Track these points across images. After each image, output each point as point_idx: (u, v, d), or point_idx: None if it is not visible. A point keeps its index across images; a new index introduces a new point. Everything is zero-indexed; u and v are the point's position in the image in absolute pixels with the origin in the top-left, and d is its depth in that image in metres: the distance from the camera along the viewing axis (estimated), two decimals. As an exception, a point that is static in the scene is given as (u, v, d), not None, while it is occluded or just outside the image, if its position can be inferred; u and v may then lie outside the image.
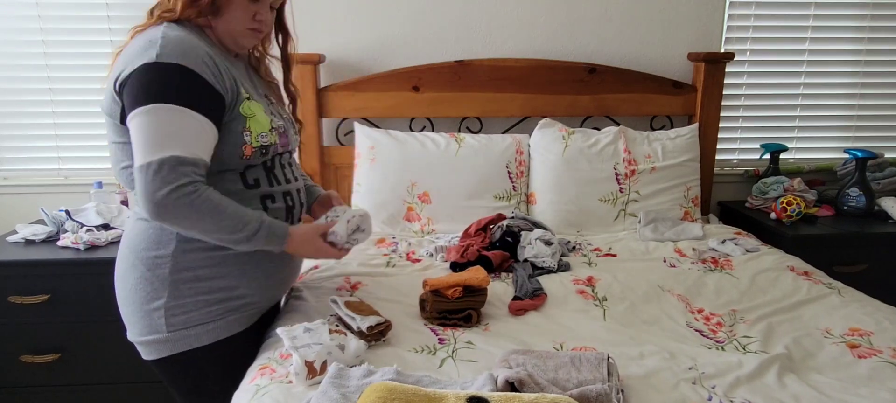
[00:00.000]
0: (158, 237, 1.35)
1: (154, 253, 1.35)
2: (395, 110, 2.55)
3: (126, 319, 1.42)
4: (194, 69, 1.27)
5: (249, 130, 1.36)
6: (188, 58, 1.26)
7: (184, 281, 1.36)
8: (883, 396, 1.21)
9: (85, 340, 2.18)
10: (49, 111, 2.58)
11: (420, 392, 1.03)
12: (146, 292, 1.36)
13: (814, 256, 2.11)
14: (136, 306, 1.38)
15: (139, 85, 1.24)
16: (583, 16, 2.64)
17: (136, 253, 1.37)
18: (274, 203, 1.44)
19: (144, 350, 1.41)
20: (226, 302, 1.40)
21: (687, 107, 2.65)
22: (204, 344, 1.38)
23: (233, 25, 1.39)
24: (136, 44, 1.29)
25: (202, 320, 1.38)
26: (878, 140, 2.92)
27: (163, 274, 1.35)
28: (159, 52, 1.25)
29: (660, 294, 1.75)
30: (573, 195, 2.38)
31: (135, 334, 1.41)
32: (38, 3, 2.48)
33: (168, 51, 1.25)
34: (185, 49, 1.27)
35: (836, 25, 2.77)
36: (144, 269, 1.36)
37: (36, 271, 2.11)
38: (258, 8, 1.40)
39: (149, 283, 1.35)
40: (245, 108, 1.36)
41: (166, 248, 1.35)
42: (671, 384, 1.24)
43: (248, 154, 1.37)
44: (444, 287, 1.52)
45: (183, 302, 1.36)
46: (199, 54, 1.28)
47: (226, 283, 1.39)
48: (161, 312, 1.36)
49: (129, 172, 1.34)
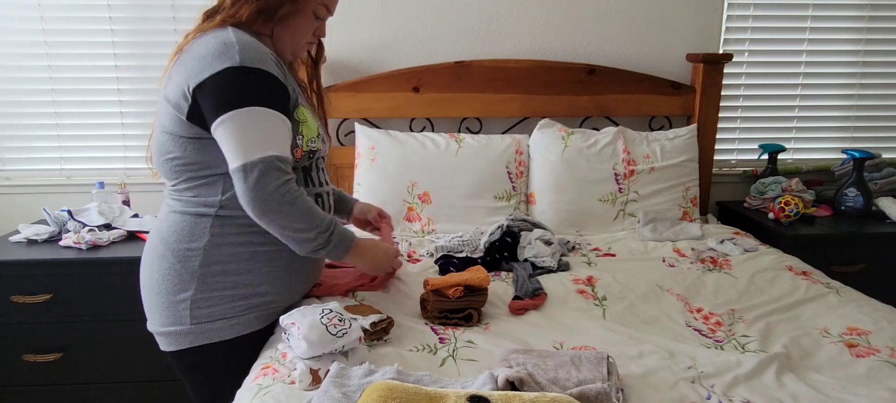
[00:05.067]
0: (192, 230, 1.38)
1: (186, 245, 1.38)
2: (395, 111, 2.56)
3: (149, 309, 1.44)
4: (272, 72, 1.32)
5: (302, 135, 1.41)
6: (266, 62, 1.32)
7: (212, 275, 1.38)
8: (881, 395, 1.21)
9: (87, 340, 2.19)
10: (51, 111, 2.58)
11: (421, 391, 1.03)
12: (174, 283, 1.38)
13: (812, 256, 2.12)
14: (162, 296, 1.40)
15: (228, 88, 1.27)
16: (582, 16, 2.65)
17: (168, 245, 1.39)
18: None
19: (164, 341, 1.43)
20: (250, 299, 1.42)
21: (685, 107, 2.66)
22: (224, 339, 1.40)
23: (296, 38, 1.45)
24: (209, 46, 1.30)
25: (225, 314, 1.40)
26: (875, 140, 2.93)
27: (193, 266, 1.37)
28: (241, 56, 1.28)
29: (659, 293, 1.76)
30: (572, 195, 2.39)
31: (156, 324, 1.43)
32: (40, 3, 2.48)
33: (248, 55, 1.29)
34: (261, 54, 1.32)
35: (834, 26, 2.78)
36: (174, 260, 1.38)
37: (38, 271, 2.12)
38: (320, 24, 1.47)
39: (178, 275, 1.38)
40: (299, 113, 1.41)
41: (199, 241, 1.37)
42: (670, 383, 1.24)
43: (298, 157, 1.41)
44: (445, 286, 1.53)
45: (209, 296, 1.38)
46: (271, 58, 1.34)
47: (252, 279, 1.41)
48: (187, 304, 1.38)
49: (175, 164, 1.37)
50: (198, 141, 1.34)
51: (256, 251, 1.41)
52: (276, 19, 1.40)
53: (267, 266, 1.43)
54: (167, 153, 1.38)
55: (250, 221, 1.36)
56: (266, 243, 1.41)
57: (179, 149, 1.36)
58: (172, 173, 1.40)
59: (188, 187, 1.39)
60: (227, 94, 1.27)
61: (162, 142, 1.38)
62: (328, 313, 1.29)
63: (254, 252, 1.41)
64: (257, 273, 1.42)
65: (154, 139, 1.41)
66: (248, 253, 1.40)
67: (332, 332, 1.25)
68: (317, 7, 1.44)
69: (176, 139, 1.36)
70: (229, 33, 1.32)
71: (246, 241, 1.40)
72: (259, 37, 1.41)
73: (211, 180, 1.38)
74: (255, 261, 1.41)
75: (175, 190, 1.42)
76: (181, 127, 1.34)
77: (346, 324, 1.28)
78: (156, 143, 1.41)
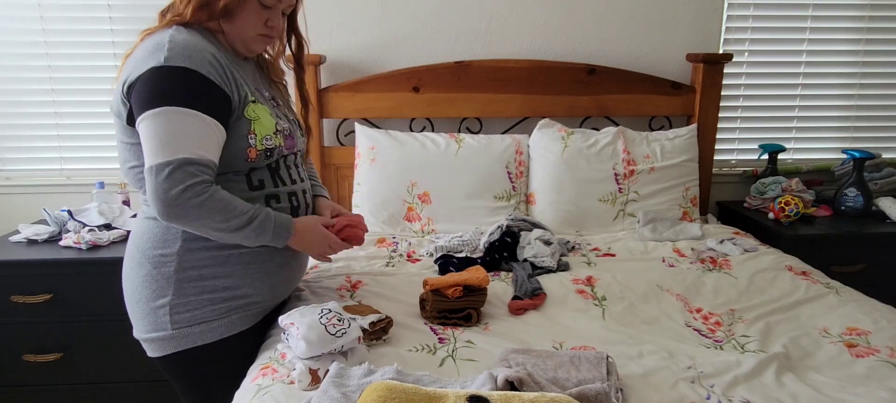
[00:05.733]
0: (164, 236, 1.37)
1: (160, 251, 1.37)
2: (395, 111, 2.56)
3: (132, 316, 1.44)
4: (201, 71, 1.28)
5: (254, 133, 1.38)
6: (194, 60, 1.28)
7: (189, 280, 1.37)
8: (880, 395, 1.22)
9: (87, 339, 2.19)
10: (51, 111, 2.58)
11: (420, 391, 1.04)
12: (152, 290, 1.38)
13: (812, 256, 2.12)
14: (141, 303, 1.39)
15: (148, 88, 1.26)
16: (582, 17, 2.65)
17: (143, 252, 1.39)
18: (278, 203, 1.45)
19: (149, 347, 1.43)
20: (230, 301, 1.41)
21: (685, 107, 2.66)
22: (208, 342, 1.40)
23: (244, 31, 1.41)
24: (145, 47, 1.31)
25: (206, 318, 1.39)
26: (875, 140, 2.93)
27: (168, 272, 1.36)
28: (167, 55, 1.26)
29: (659, 293, 1.76)
30: (572, 195, 2.39)
31: (140, 331, 1.43)
32: (40, 3, 2.48)
33: (175, 54, 1.27)
34: (191, 52, 1.29)
35: (834, 26, 2.78)
36: (150, 267, 1.37)
37: (38, 271, 2.12)
38: (270, 14, 1.42)
39: (154, 281, 1.37)
40: (250, 111, 1.38)
41: (172, 247, 1.36)
42: (670, 383, 1.24)
43: (253, 157, 1.38)
44: (444, 286, 1.53)
45: (187, 301, 1.37)
46: (205, 57, 1.30)
47: (230, 282, 1.40)
48: (166, 310, 1.37)
49: (137, 172, 1.36)
50: None
51: (231, 253, 1.40)
52: (218, 13, 1.37)
53: (243, 267, 1.41)
54: (127, 162, 1.38)
55: None
56: (240, 245, 1.39)
57: (136, 157, 1.35)
58: (137, 181, 1.39)
59: None
60: (145, 95, 1.26)
61: (120, 152, 1.39)
62: (327, 313, 1.29)
63: (228, 255, 1.39)
64: (235, 275, 1.41)
65: (117, 150, 1.41)
66: (223, 256, 1.39)
67: (331, 332, 1.25)
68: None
69: (129, 147, 1.36)
70: (167, 33, 1.31)
71: (219, 245, 1.38)
72: (213, 34, 1.40)
73: None
74: (230, 264, 1.40)
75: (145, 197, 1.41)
76: (128, 134, 1.34)
77: (344, 324, 1.28)
78: (118, 154, 1.41)
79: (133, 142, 1.34)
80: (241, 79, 1.39)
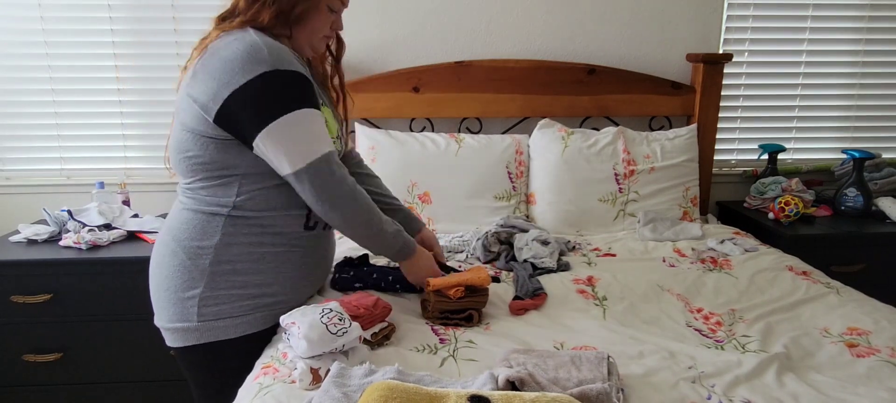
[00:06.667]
0: (204, 228, 1.39)
1: (198, 243, 1.38)
2: (395, 111, 2.56)
3: (157, 304, 1.45)
4: (303, 72, 1.34)
5: None
6: (294, 63, 1.34)
7: (222, 274, 1.39)
8: (881, 395, 1.21)
9: (87, 339, 2.19)
10: (51, 111, 2.58)
11: (421, 391, 1.03)
12: (183, 280, 1.39)
13: (812, 256, 2.12)
14: (171, 292, 1.40)
15: (266, 95, 1.29)
16: (582, 17, 2.65)
17: (179, 242, 1.40)
18: None
19: (171, 337, 1.44)
20: (258, 299, 1.42)
21: (685, 107, 2.66)
22: (230, 337, 1.41)
23: (313, 34, 1.47)
24: (236, 50, 1.30)
25: (232, 313, 1.40)
26: (875, 140, 2.94)
27: (203, 264, 1.38)
28: (272, 60, 1.29)
29: (659, 293, 1.76)
30: (572, 195, 2.39)
31: (164, 320, 1.44)
32: (40, 3, 2.48)
33: (277, 58, 1.31)
34: (287, 55, 1.34)
35: (834, 26, 2.79)
36: (185, 257, 1.39)
37: (38, 271, 2.11)
38: (335, 17, 1.49)
39: (188, 272, 1.39)
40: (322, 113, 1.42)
41: (210, 240, 1.38)
42: (671, 383, 1.24)
43: None
44: (446, 287, 1.52)
45: (217, 294, 1.39)
46: (295, 58, 1.37)
47: (261, 279, 1.42)
48: (195, 301, 1.38)
49: (192, 161, 1.37)
50: (221, 142, 1.34)
51: (267, 252, 1.42)
52: (293, 19, 1.41)
53: (277, 267, 1.43)
54: (186, 151, 1.38)
55: (263, 222, 1.38)
56: (277, 244, 1.42)
57: (199, 148, 1.36)
58: (189, 171, 1.40)
59: (203, 186, 1.39)
60: (266, 101, 1.29)
61: (181, 140, 1.38)
62: (328, 312, 1.29)
63: (264, 252, 1.41)
64: (267, 273, 1.42)
65: (172, 136, 1.41)
66: (259, 253, 1.41)
67: (332, 331, 1.25)
68: (330, 1, 1.45)
69: (197, 138, 1.35)
70: (252, 35, 1.33)
71: (257, 242, 1.41)
72: (278, 38, 1.41)
73: (227, 181, 1.38)
74: (264, 262, 1.42)
75: (189, 188, 1.42)
76: (205, 126, 1.34)
77: (345, 323, 1.28)
78: (174, 140, 1.40)
79: (205, 135, 1.34)
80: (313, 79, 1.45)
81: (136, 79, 2.58)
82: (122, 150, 2.64)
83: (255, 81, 1.28)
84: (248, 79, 1.28)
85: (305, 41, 1.47)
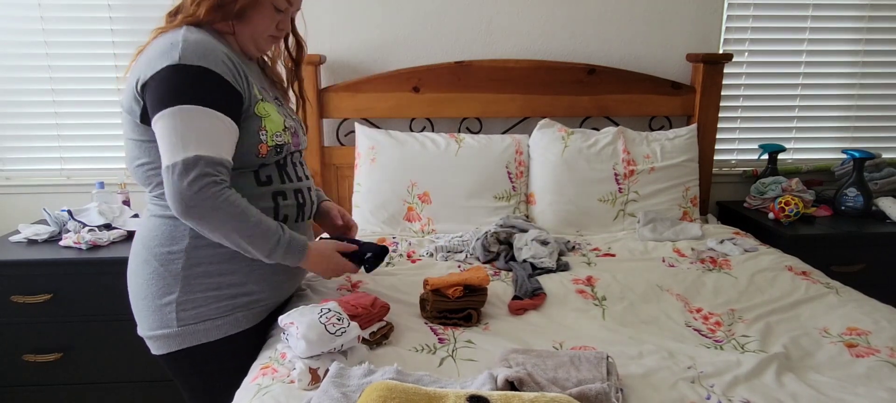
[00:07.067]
0: (172, 233, 1.38)
1: (167, 248, 1.38)
2: (395, 111, 2.56)
3: (137, 314, 1.45)
4: (216, 70, 1.30)
5: (265, 129, 1.40)
6: (209, 59, 1.30)
7: (195, 277, 1.38)
8: (880, 395, 1.22)
9: (87, 339, 2.19)
10: (51, 111, 2.58)
11: (420, 391, 1.03)
12: (158, 287, 1.38)
13: (812, 256, 2.12)
14: (148, 301, 1.40)
15: (164, 86, 1.27)
16: (582, 16, 2.65)
17: (150, 249, 1.39)
18: (285, 200, 1.46)
19: (154, 345, 1.43)
20: (235, 299, 1.42)
21: (685, 107, 2.66)
22: (213, 340, 1.40)
23: (257, 32, 1.44)
24: (158, 45, 1.32)
25: (211, 316, 1.40)
26: (875, 140, 2.93)
27: (175, 269, 1.37)
28: (182, 53, 1.28)
29: (659, 293, 1.76)
30: (572, 195, 2.39)
31: (145, 328, 1.44)
32: (40, 3, 2.48)
33: (190, 52, 1.28)
34: (205, 50, 1.30)
35: (834, 26, 2.78)
36: (157, 264, 1.38)
37: (38, 271, 2.12)
38: (282, 17, 1.45)
39: (161, 278, 1.38)
40: (260, 109, 1.40)
41: (179, 244, 1.37)
42: (670, 383, 1.24)
43: (264, 153, 1.40)
44: (445, 286, 1.53)
45: (194, 298, 1.38)
46: (219, 56, 1.32)
47: (236, 279, 1.41)
48: (172, 307, 1.38)
49: (146, 170, 1.37)
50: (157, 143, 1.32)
51: (237, 251, 1.39)
52: (234, 15, 1.39)
53: (248, 265, 1.42)
54: (136, 159, 1.39)
55: None
56: None
57: (146, 154, 1.36)
58: (145, 179, 1.40)
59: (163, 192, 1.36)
60: (161, 93, 1.27)
61: (129, 150, 1.39)
62: (326, 312, 1.29)
63: (234, 252, 1.39)
64: (240, 272, 1.42)
65: (124, 147, 1.42)
66: (229, 253, 1.39)
67: (331, 331, 1.25)
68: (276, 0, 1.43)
69: (139, 144, 1.36)
70: (180, 33, 1.32)
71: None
72: (221, 35, 1.41)
73: None
74: (236, 261, 1.40)
75: (153, 194, 1.42)
76: (138, 131, 1.35)
77: (344, 323, 1.28)
78: (126, 151, 1.41)
79: (143, 140, 1.35)
80: (251, 78, 1.41)
81: (136, 80, 2.58)
82: (122, 150, 2.64)
83: (158, 74, 1.27)
84: (155, 71, 1.28)
85: (249, 39, 1.44)
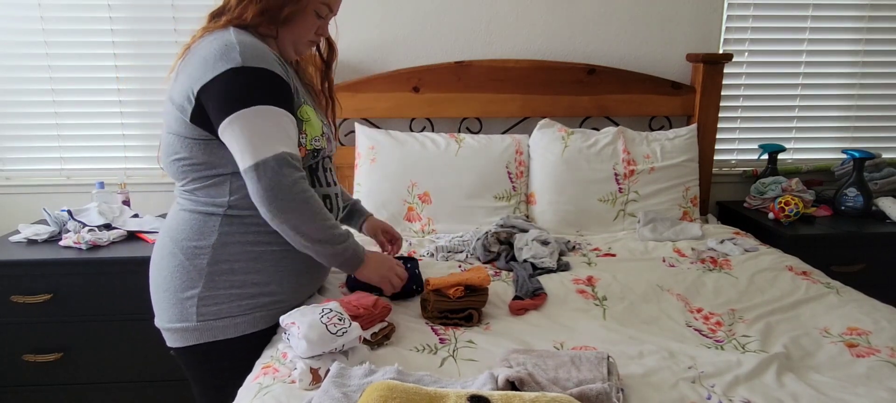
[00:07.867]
0: (201, 228, 1.40)
1: (195, 243, 1.39)
2: (395, 111, 2.56)
3: (157, 305, 1.46)
4: (275, 71, 1.33)
5: (305, 133, 1.42)
6: (267, 61, 1.33)
7: (220, 273, 1.39)
8: (881, 395, 1.22)
9: (87, 339, 2.19)
10: (51, 111, 2.58)
11: (421, 391, 1.03)
12: (182, 280, 1.40)
13: (812, 256, 2.12)
14: (169, 293, 1.41)
15: (233, 87, 1.29)
16: (582, 17, 2.65)
17: (177, 242, 1.41)
18: None
19: (170, 337, 1.44)
20: (256, 298, 1.43)
21: (685, 107, 2.66)
22: (230, 337, 1.41)
23: (297, 36, 1.47)
24: (211, 47, 1.32)
25: (231, 313, 1.41)
26: (875, 140, 2.93)
27: (201, 264, 1.39)
28: (242, 56, 1.30)
29: (659, 293, 1.76)
30: (572, 195, 2.39)
31: (164, 320, 1.44)
32: (40, 3, 2.48)
33: (249, 55, 1.31)
34: (262, 53, 1.34)
35: (834, 26, 2.78)
36: (183, 258, 1.39)
37: (38, 271, 2.11)
38: (322, 22, 1.49)
39: (186, 272, 1.39)
40: (302, 112, 1.42)
41: (208, 240, 1.39)
42: (670, 383, 1.24)
43: (303, 155, 1.42)
44: (446, 286, 1.53)
45: (216, 294, 1.39)
46: (273, 58, 1.36)
47: (259, 278, 1.42)
48: (194, 301, 1.39)
49: (181, 164, 1.39)
50: (204, 142, 1.36)
51: (264, 251, 1.42)
52: (280, 20, 1.41)
53: (274, 266, 1.44)
54: (174, 154, 1.40)
55: (259, 221, 1.37)
56: (274, 243, 1.42)
57: (186, 150, 1.37)
58: (180, 173, 1.41)
59: (197, 187, 1.41)
60: (231, 95, 1.29)
61: (169, 143, 1.40)
62: (328, 312, 1.29)
63: (261, 251, 1.42)
64: (264, 272, 1.43)
65: (162, 140, 1.43)
66: (256, 252, 1.41)
67: (332, 331, 1.25)
68: (318, 6, 1.45)
69: (182, 140, 1.37)
70: (231, 34, 1.34)
71: (254, 241, 1.41)
72: (263, 38, 1.43)
73: (218, 180, 1.39)
74: (262, 261, 1.42)
75: (184, 189, 1.43)
76: (186, 128, 1.36)
77: (345, 323, 1.28)
78: (163, 144, 1.42)
79: (188, 136, 1.36)
80: (295, 81, 1.44)
81: (136, 80, 2.58)
82: (121, 150, 2.64)
83: (222, 76, 1.29)
84: (216, 74, 1.29)
85: (289, 43, 1.47)
